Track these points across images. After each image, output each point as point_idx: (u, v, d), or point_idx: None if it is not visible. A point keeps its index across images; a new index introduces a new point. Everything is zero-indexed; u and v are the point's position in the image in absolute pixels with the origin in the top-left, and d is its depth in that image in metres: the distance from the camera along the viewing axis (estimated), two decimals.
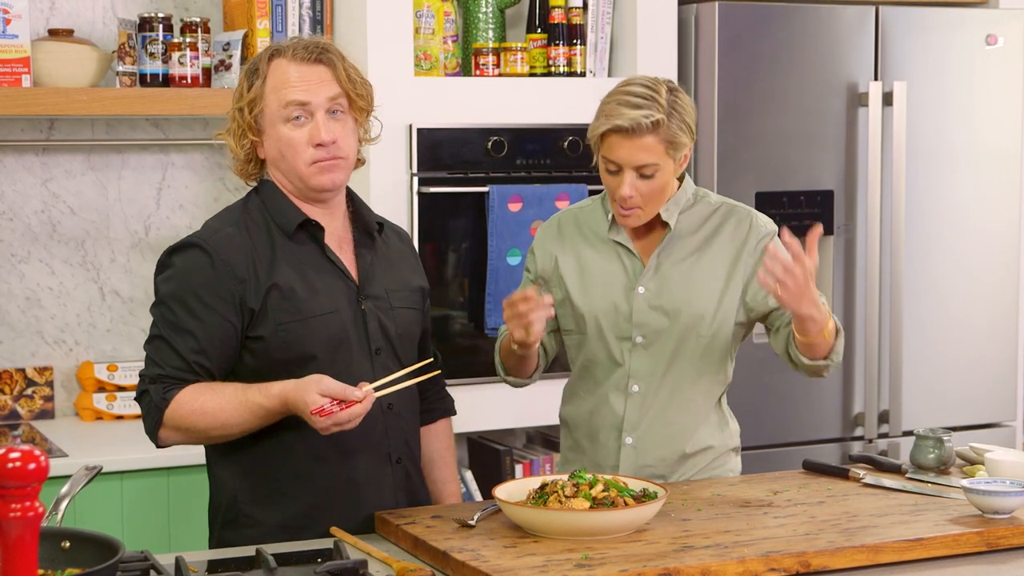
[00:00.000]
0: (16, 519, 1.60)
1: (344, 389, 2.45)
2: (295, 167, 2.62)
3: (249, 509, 2.63)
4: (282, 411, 2.52)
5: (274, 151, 2.63)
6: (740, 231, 2.86)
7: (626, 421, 2.86)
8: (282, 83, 2.60)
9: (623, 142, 2.74)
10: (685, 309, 2.82)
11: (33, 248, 3.90)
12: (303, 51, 2.62)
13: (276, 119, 2.61)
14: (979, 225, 4.34)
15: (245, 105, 2.62)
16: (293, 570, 2.25)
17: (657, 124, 2.71)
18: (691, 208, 2.88)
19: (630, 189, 2.75)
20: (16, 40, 3.57)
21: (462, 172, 3.83)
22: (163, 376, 2.56)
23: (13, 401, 3.87)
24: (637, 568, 2.22)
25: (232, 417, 2.53)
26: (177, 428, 2.55)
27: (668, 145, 2.74)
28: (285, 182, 2.66)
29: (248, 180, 2.72)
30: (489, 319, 3.83)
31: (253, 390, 2.52)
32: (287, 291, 2.58)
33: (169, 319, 2.58)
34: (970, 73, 4.30)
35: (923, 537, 2.41)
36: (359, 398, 2.46)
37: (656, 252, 2.85)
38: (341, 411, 2.44)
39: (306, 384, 2.47)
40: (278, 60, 2.62)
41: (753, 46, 4.03)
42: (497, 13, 4.02)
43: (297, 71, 2.61)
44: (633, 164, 2.74)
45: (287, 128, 2.60)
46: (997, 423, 4.41)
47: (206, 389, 2.55)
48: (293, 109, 2.59)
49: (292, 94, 2.59)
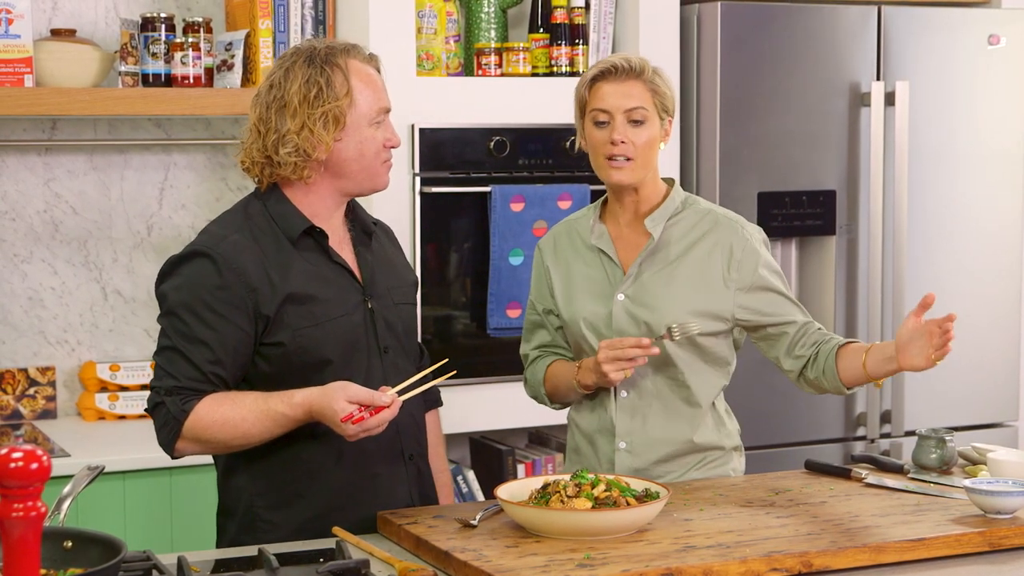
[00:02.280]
0: (19, 519, 1.60)
1: (371, 395, 2.46)
2: (372, 166, 2.64)
3: (267, 514, 2.62)
4: (306, 420, 2.51)
5: (353, 150, 2.62)
6: (725, 240, 2.84)
7: (618, 426, 2.86)
8: (370, 85, 2.63)
9: (611, 87, 2.79)
10: (661, 317, 2.81)
11: (35, 248, 3.91)
12: (369, 57, 2.67)
13: (363, 121, 2.61)
14: (981, 225, 4.34)
15: (344, 102, 2.58)
16: (295, 570, 2.25)
17: (642, 68, 2.80)
18: (678, 215, 2.88)
19: (621, 134, 2.77)
20: (18, 40, 3.57)
21: (464, 172, 3.83)
22: (179, 387, 2.53)
23: (15, 401, 3.87)
24: (639, 568, 2.22)
25: (254, 427, 2.51)
26: (197, 440, 2.54)
27: (654, 95, 2.80)
28: (332, 182, 2.63)
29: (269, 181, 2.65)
30: (491, 319, 3.83)
31: (275, 399, 2.51)
32: (303, 297, 2.58)
33: (181, 329, 2.55)
34: (973, 73, 4.30)
35: (925, 537, 2.41)
36: (387, 403, 2.46)
37: (638, 260, 2.85)
38: (371, 417, 2.44)
39: (332, 392, 2.47)
40: (353, 62, 2.63)
41: (755, 46, 4.03)
42: (499, 13, 4.02)
43: (375, 76, 2.65)
44: (623, 108, 2.78)
45: (371, 130, 2.63)
46: (999, 423, 4.40)
47: (225, 399, 2.53)
48: (381, 114, 2.64)
49: (382, 100, 2.64)
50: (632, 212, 2.88)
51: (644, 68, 2.80)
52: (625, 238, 2.89)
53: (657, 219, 2.85)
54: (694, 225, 2.87)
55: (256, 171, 2.64)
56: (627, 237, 2.88)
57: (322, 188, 2.64)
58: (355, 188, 2.67)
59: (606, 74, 2.80)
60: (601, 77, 2.81)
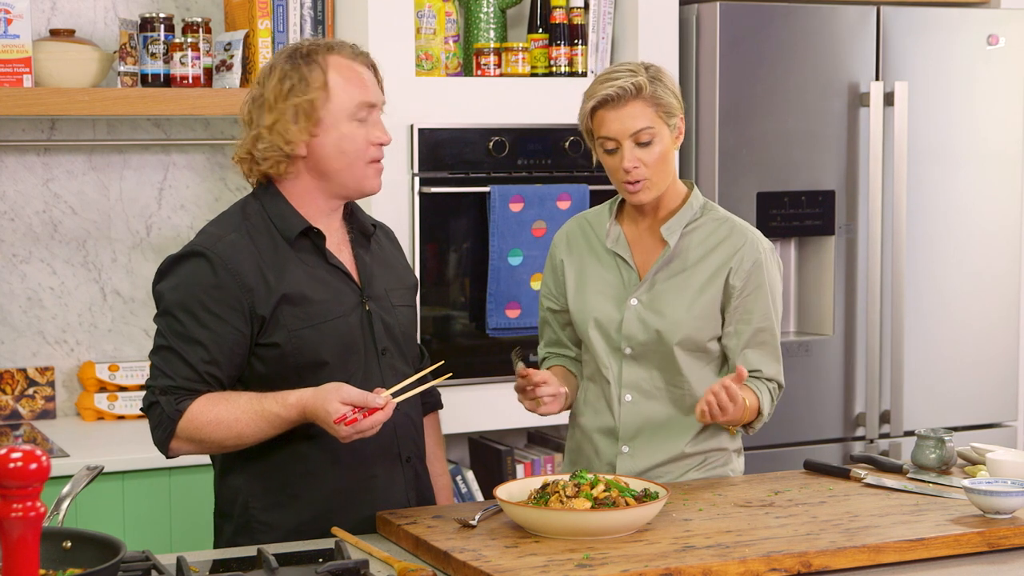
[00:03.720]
0: (18, 519, 1.60)
1: (365, 397, 2.44)
2: (354, 164, 2.60)
3: (263, 516, 2.62)
4: (300, 421, 2.50)
5: (332, 148, 2.59)
6: (733, 249, 2.83)
7: (621, 430, 2.86)
8: (352, 81, 2.59)
9: (612, 114, 2.75)
10: (672, 324, 2.80)
11: (34, 248, 3.90)
12: (356, 52, 2.63)
13: (342, 116, 2.58)
14: (980, 225, 4.34)
15: (316, 97, 2.56)
16: (294, 570, 2.25)
17: (640, 87, 2.73)
18: (696, 222, 2.86)
19: (631, 160, 2.75)
20: (17, 40, 3.57)
21: (463, 172, 3.83)
22: (174, 387, 2.53)
23: (14, 401, 3.87)
24: (638, 568, 2.22)
25: (248, 427, 2.50)
26: (191, 439, 2.53)
27: (658, 108, 2.75)
28: (319, 183, 2.62)
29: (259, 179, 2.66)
30: (491, 319, 3.83)
31: (269, 400, 2.50)
32: (298, 298, 2.57)
33: (177, 329, 2.55)
34: (971, 73, 4.30)
35: (924, 537, 2.41)
36: (380, 405, 2.44)
37: (654, 268, 2.84)
38: (364, 419, 2.43)
39: (326, 393, 2.46)
40: (335, 57, 2.60)
41: (754, 46, 4.03)
42: (498, 13, 4.02)
43: (360, 71, 2.61)
44: (628, 133, 2.74)
45: (352, 126, 2.59)
46: (998, 423, 4.40)
47: (220, 399, 2.52)
48: (363, 109, 2.59)
49: (365, 95, 2.59)
50: (651, 216, 2.87)
51: (641, 86, 2.74)
52: (642, 242, 2.87)
53: (674, 227, 2.83)
54: (711, 233, 2.85)
55: (244, 167, 2.66)
56: (644, 241, 2.87)
57: (312, 189, 2.63)
58: (341, 190, 2.63)
59: (605, 102, 2.75)
60: (601, 106, 2.76)
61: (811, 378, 4.14)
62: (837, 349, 4.17)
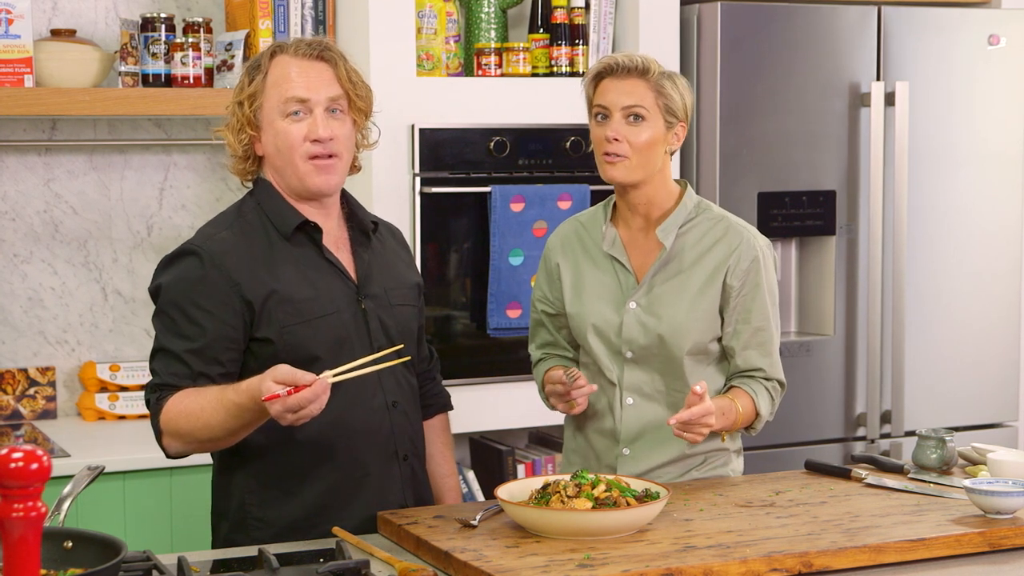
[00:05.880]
0: (19, 519, 1.60)
1: (294, 374, 2.36)
2: (292, 162, 2.61)
3: (258, 512, 2.62)
4: (252, 406, 2.43)
5: (271, 146, 2.63)
6: (730, 249, 2.83)
7: (622, 433, 2.86)
8: (283, 78, 2.61)
9: (612, 83, 2.77)
10: (672, 327, 2.80)
11: (35, 248, 3.90)
12: (306, 48, 2.63)
13: (275, 114, 2.60)
14: (981, 225, 4.34)
15: (245, 99, 2.63)
16: (295, 570, 2.25)
17: (648, 69, 2.76)
18: (691, 222, 2.86)
19: (615, 132, 2.75)
20: (18, 40, 3.57)
21: (464, 172, 3.83)
22: (163, 384, 2.55)
23: (15, 401, 3.87)
24: (639, 568, 2.22)
25: (213, 417, 2.48)
26: (173, 434, 2.54)
27: (659, 96, 2.76)
28: (280, 181, 2.65)
29: (245, 179, 2.71)
30: (491, 319, 3.83)
31: (229, 389, 2.48)
32: (288, 293, 2.58)
33: (169, 327, 2.57)
34: (972, 73, 4.30)
35: (925, 537, 2.41)
36: (308, 382, 2.36)
37: (651, 271, 2.84)
38: (289, 396, 2.34)
39: (263, 374, 2.40)
40: (280, 56, 2.63)
41: (755, 46, 4.03)
42: (499, 13, 4.02)
43: (299, 67, 2.61)
44: (620, 104, 2.75)
45: (285, 123, 2.60)
46: (999, 423, 4.40)
47: (193, 392, 2.52)
48: (292, 104, 2.59)
49: (293, 90, 2.59)
50: (643, 218, 2.86)
51: (650, 68, 2.76)
52: (638, 245, 2.87)
53: (669, 228, 2.83)
54: (706, 232, 2.85)
55: (234, 167, 2.72)
56: (640, 244, 2.87)
57: (282, 188, 2.66)
58: (294, 188, 2.64)
59: (609, 71, 2.78)
60: (604, 74, 2.79)
61: (812, 378, 4.14)
62: (838, 349, 4.17)
